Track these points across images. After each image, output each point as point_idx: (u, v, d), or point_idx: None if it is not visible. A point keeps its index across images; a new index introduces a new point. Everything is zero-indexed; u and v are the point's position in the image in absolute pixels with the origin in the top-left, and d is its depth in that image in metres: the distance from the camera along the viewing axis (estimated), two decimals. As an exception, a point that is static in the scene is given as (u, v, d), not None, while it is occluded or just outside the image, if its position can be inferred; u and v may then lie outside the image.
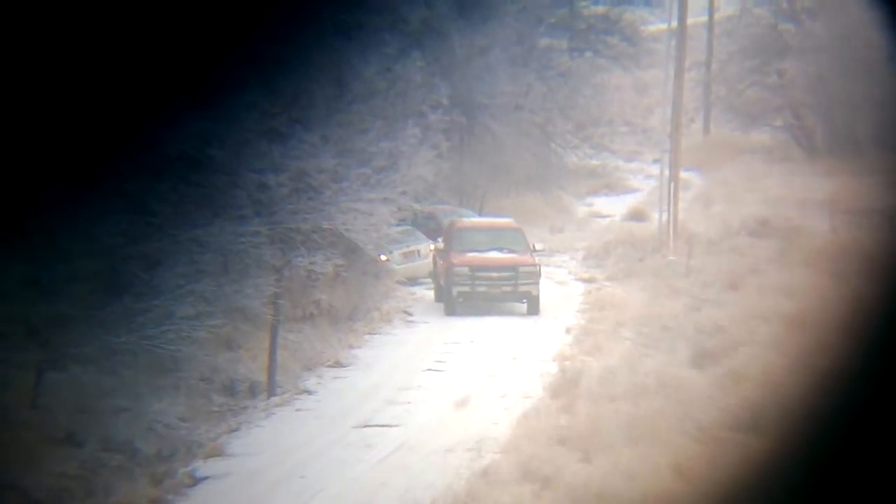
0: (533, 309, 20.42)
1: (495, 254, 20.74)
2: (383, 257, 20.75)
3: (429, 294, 21.79)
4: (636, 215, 26.57)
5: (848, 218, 21.23)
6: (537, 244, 21.37)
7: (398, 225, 19.68)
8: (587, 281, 22.52)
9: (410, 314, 20.53)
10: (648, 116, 32.26)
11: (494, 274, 20.37)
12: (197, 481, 12.73)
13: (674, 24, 24.95)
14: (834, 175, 25.31)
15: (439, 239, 21.96)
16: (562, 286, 22.32)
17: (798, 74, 29.82)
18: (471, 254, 20.60)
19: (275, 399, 15.55)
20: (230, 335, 15.74)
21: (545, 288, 20.87)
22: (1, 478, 11.20)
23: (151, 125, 12.79)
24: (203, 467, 13.07)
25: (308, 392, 16.05)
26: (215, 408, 14.72)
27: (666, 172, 24.04)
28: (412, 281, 22.20)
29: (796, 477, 9.76)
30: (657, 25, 30.61)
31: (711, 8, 33.38)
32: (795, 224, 22.43)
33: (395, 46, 18.72)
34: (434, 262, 21.91)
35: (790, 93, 30.16)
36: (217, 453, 13.48)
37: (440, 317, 20.44)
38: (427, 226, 23.23)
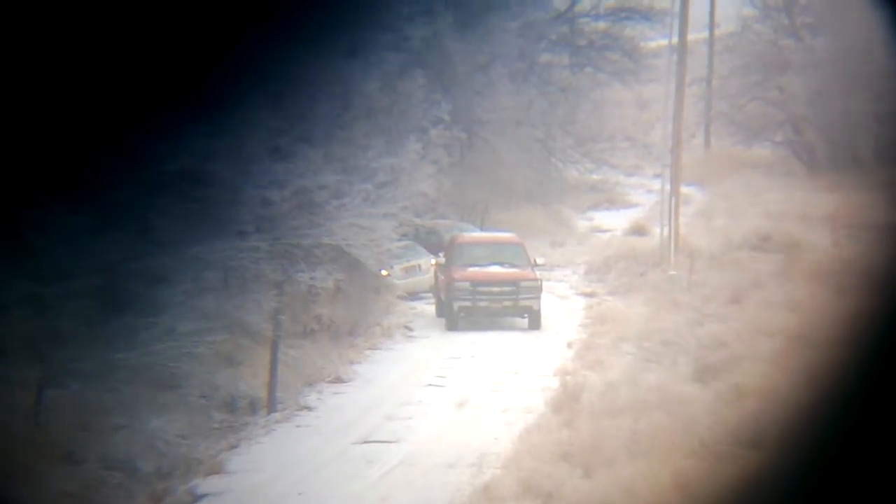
0: (534, 324, 20.40)
1: (496, 268, 20.73)
2: (384, 272, 20.75)
3: (430, 309, 21.78)
4: (637, 230, 26.58)
5: (849, 232, 21.23)
6: (538, 259, 21.36)
7: (399, 240, 19.68)
8: (588, 295, 22.52)
9: (411, 329, 20.51)
10: (649, 131, 32.28)
11: (496, 289, 20.36)
12: (196, 499, 12.71)
13: (674, 40, 25.03)
14: (835, 190, 25.33)
15: (440, 254, 21.96)
16: (563, 301, 22.31)
17: (799, 90, 29.90)
18: (472, 269, 20.60)
19: (275, 415, 15.53)
20: (231, 351, 15.72)
21: (546, 302, 20.86)
22: (1, 495, 11.16)
23: (154, 141, 12.84)
24: (203, 484, 13.04)
25: (308, 408, 16.02)
26: (215, 424, 14.70)
27: (667, 187, 24.05)
28: (413, 296, 22.20)
29: (798, 492, 9.72)
30: (658, 41, 30.67)
31: (712, 24, 33.49)
32: (797, 239, 22.43)
33: (397, 64, 18.81)
34: (435, 277, 21.91)
35: (791, 108, 30.23)
36: (217, 470, 13.45)
37: (441, 332, 20.43)
38: (428, 241, 23.24)
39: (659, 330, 18.12)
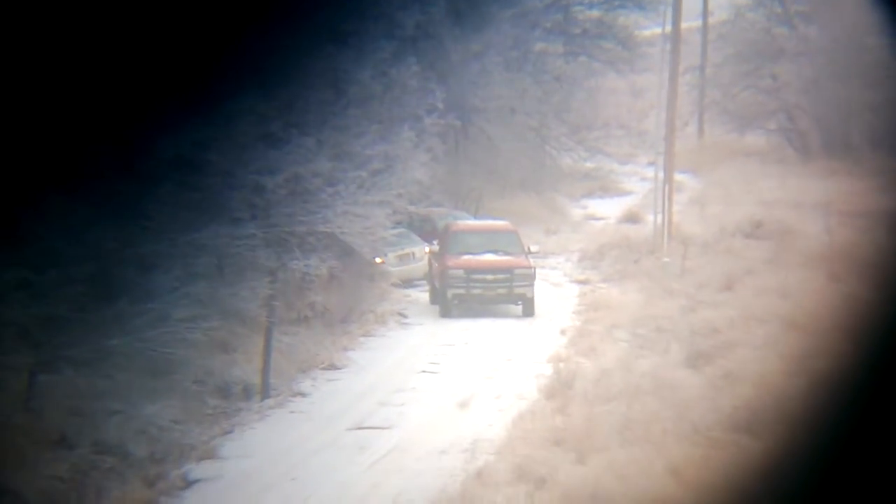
0: (528, 311, 20.42)
1: (490, 256, 20.74)
2: (378, 260, 20.75)
3: (424, 296, 21.78)
4: (631, 217, 26.61)
5: (842, 220, 21.27)
6: (532, 246, 21.37)
7: (393, 227, 19.68)
8: (582, 283, 22.53)
9: (405, 316, 20.51)
10: (643, 120, 32.32)
11: (489, 276, 20.37)
12: (189, 484, 12.69)
13: (668, 29, 25.02)
14: (828, 177, 25.40)
15: (434, 241, 21.96)
16: (557, 288, 22.32)
17: (792, 78, 29.95)
18: (466, 256, 20.60)
19: (269, 401, 15.52)
20: (225, 338, 15.70)
21: (540, 290, 20.87)
22: (-7, 480, 11.16)
23: (147, 129, 12.78)
24: (196, 470, 13.02)
25: (302, 394, 16.02)
26: (209, 410, 14.69)
27: (661, 175, 24.06)
28: (407, 283, 22.20)
29: (792, 478, 9.75)
30: (652, 30, 30.66)
31: (705, 12, 33.50)
32: (790, 226, 22.47)
33: (391, 51, 18.73)
34: (429, 265, 21.90)
35: (784, 96, 30.28)
36: (210, 456, 13.44)
37: (435, 319, 20.43)
38: (422, 228, 23.24)
39: (652, 317, 18.15)
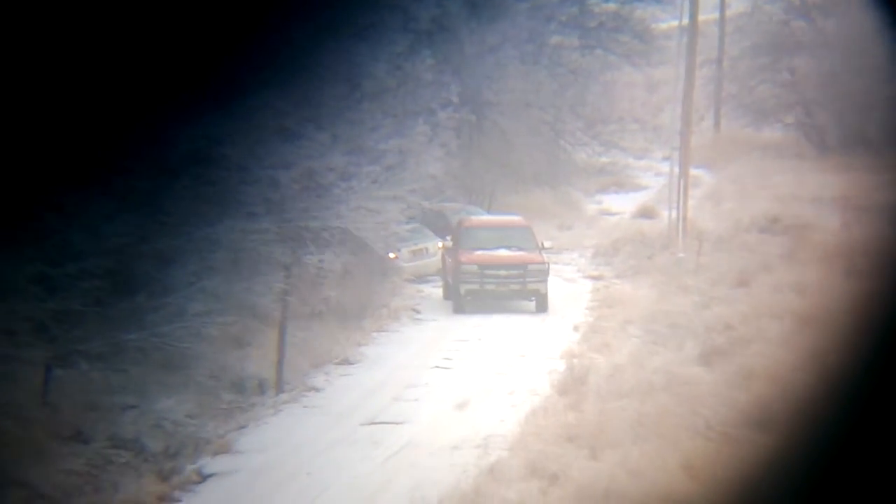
0: (541, 307, 20.41)
1: (504, 252, 20.73)
2: (392, 255, 20.77)
3: (437, 292, 21.79)
4: (645, 213, 26.53)
5: (859, 215, 21.13)
6: (546, 242, 21.34)
7: (407, 223, 19.68)
8: (596, 278, 22.48)
9: (418, 312, 20.53)
10: (658, 114, 32.18)
11: (503, 272, 20.35)
12: (204, 478, 12.76)
13: (685, 22, 24.88)
14: (845, 172, 25.20)
15: (448, 237, 21.97)
16: (570, 283, 22.29)
17: (810, 71, 29.73)
18: (479, 252, 20.59)
19: (283, 396, 15.58)
20: (240, 332, 15.77)
21: (554, 285, 20.84)
22: (9, 474, 11.25)
23: (163, 124, 12.83)
24: (210, 464, 13.09)
25: (316, 389, 16.07)
26: (224, 405, 14.75)
27: (676, 169, 23.98)
28: (420, 278, 22.22)
29: (806, 475, 9.72)
30: (668, 23, 30.52)
31: (723, 5, 33.29)
32: (806, 221, 22.34)
33: (405, 45, 18.72)
34: (443, 260, 21.91)
35: (802, 90, 30.06)
36: (225, 450, 13.50)
37: (448, 314, 20.44)
38: (436, 223, 23.24)
39: (666, 313, 18.09)
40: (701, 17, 25.82)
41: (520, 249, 20.71)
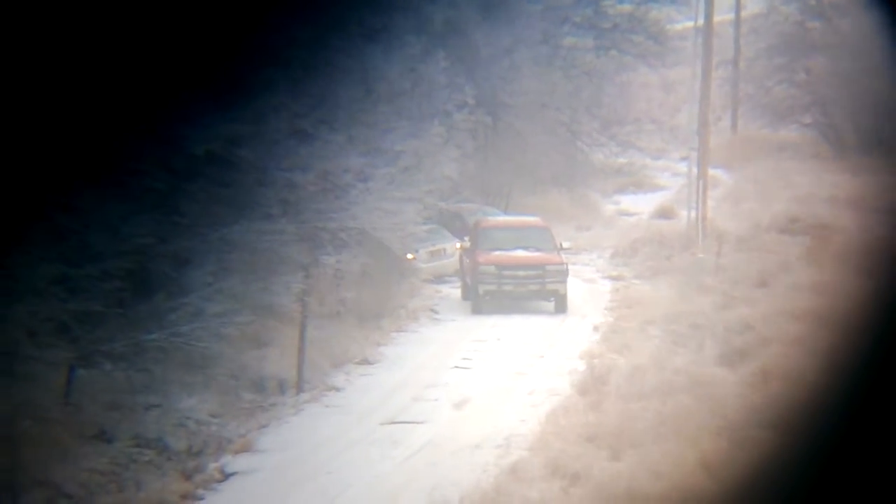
0: (560, 307, 20.38)
1: (522, 252, 20.71)
2: (410, 256, 20.80)
3: (455, 292, 21.81)
4: (664, 213, 26.46)
5: (877, 216, 21.03)
6: (564, 242, 21.31)
7: (424, 224, 19.71)
8: (615, 279, 22.45)
9: (437, 312, 20.55)
10: (675, 114, 32.09)
11: (521, 272, 20.34)
12: (227, 476, 12.81)
13: (700, 22, 24.84)
14: (863, 173, 25.08)
15: (465, 237, 21.98)
16: (589, 284, 22.26)
17: (826, 72, 29.60)
18: (497, 252, 20.59)
19: (303, 395, 15.62)
20: (258, 332, 15.81)
21: (572, 286, 20.81)
22: (33, 473, 11.32)
23: (179, 126, 12.90)
24: (233, 462, 13.15)
25: (336, 389, 16.11)
26: (245, 404, 14.80)
27: (694, 170, 23.92)
28: (438, 279, 22.24)
29: (824, 475, 9.69)
30: (683, 23, 30.47)
31: (738, 5, 33.20)
32: (825, 221, 22.26)
33: (420, 47, 18.78)
34: (460, 261, 21.92)
35: (818, 90, 29.93)
36: (246, 449, 13.56)
37: (466, 315, 20.45)
38: (453, 224, 23.26)
39: (686, 313, 18.06)
40: (716, 18, 25.77)
41: (538, 250, 20.69)
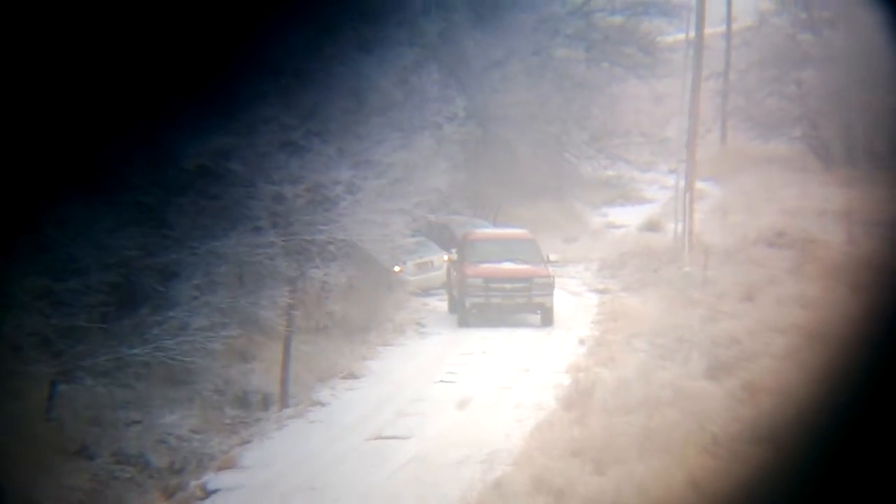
0: (547, 320, 20.36)
1: (509, 265, 20.69)
2: (397, 268, 20.76)
3: (442, 305, 21.77)
4: (651, 226, 26.48)
5: (865, 229, 21.08)
6: (551, 255, 21.29)
7: (412, 236, 19.68)
8: (601, 292, 22.44)
9: (424, 325, 20.50)
10: (665, 127, 32.14)
11: (508, 285, 20.32)
12: (208, 493, 12.75)
13: (691, 35, 24.91)
14: (852, 186, 25.16)
15: (453, 250, 21.96)
16: (576, 297, 22.25)
17: (816, 85, 29.70)
18: (485, 265, 20.56)
19: (288, 411, 15.56)
20: (244, 347, 15.78)
21: (559, 299, 20.80)
22: (13, 489, 11.24)
23: (168, 138, 12.88)
24: (215, 479, 13.08)
25: (321, 403, 16.05)
26: (228, 420, 14.74)
27: (682, 183, 23.94)
28: (426, 292, 22.19)
29: (812, 490, 9.67)
30: (674, 36, 30.54)
31: (729, 18, 33.29)
32: (812, 235, 22.30)
33: (412, 59, 18.79)
34: (448, 274, 21.89)
35: (808, 103, 30.02)
36: (229, 465, 13.49)
37: (453, 328, 20.42)
38: (441, 236, 23.24)
39: (672, 326, 18.05)
40: (707, 31, 25.83)
41: (525, 263, 20.67)
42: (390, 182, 17.20)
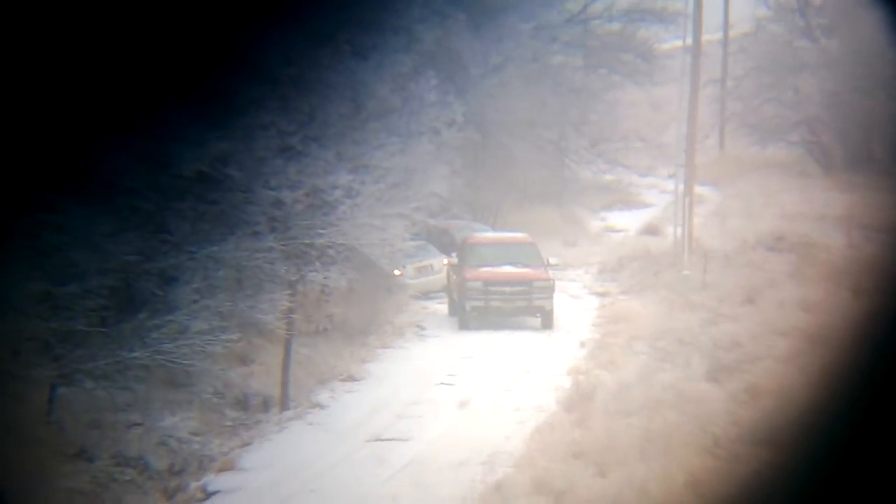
0: (547, 323, 20.36)
1: (509, 268, 20.70)
2: (397, 272, 20.76)
3: (442, 308, 21.77)
4: (651, 230, 26.51)
5: (864, 233, 21.11)
6: (551, 258, 21.31)
7: (412, 240, 19.68)
8: (601, 295, 22.45)
9: (423, 328, 20.51)
10: (663, 132, 32.19)
11: (508, 289, 20.33)
12: (208, 495, 12.73)
13: (688, 41, 24.96)
14: (850, 190, 25.21)
15: (453, 253, 21.97)
16: (576, 300, 22.26)
17: (814, 91, 29.76)
18: (484, 268, 20.58)
19: (287, 413, 15.54)
20: (244, 350, 15.77)
21: (559, 302, 20.81)
22: (13, 492, 11.20)
23: (168, 143, 12.89)
24: (215, 481, 13.06)
25: (321, 406, 16.03)
26: (228, 422, 14.72)
27: (681, 187, 23.97)
28: (426, 295, 22.20)
29: (813, 492, 9.66)
30: (672, 42, 30.59)
31: (726, 25, 33.37)
32: (812, 239, 22.32)
33: (410, 65, 18.79)
34: (448, 277, 21.90)
35: (806, 109, 30.08)
36: (229, 467, 13.47)
37: (453, 331, 20.41)
38: (441, 240, 23.25)
39: (673, 329, 18.05)
40: (704, 37, 25.89)
41: (525, 266, 20.68)
42: (389, 186, 17.21)
